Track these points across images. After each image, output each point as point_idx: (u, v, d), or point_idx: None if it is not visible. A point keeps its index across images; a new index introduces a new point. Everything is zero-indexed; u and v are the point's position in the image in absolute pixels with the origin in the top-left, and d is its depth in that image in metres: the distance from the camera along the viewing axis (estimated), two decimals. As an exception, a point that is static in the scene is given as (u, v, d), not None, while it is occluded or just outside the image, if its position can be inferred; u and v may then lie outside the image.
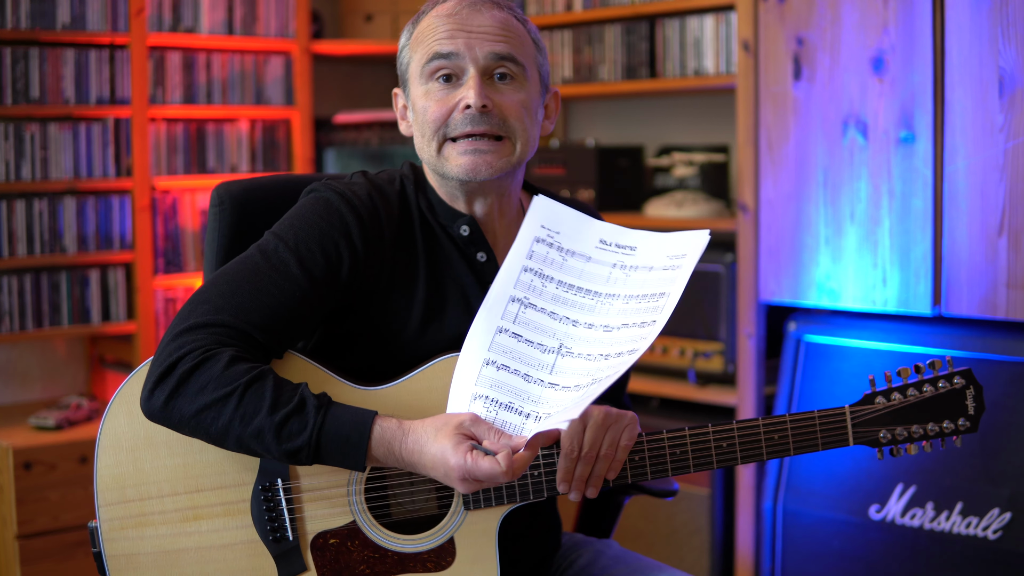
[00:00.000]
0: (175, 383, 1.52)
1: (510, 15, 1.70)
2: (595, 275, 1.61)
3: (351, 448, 1.52)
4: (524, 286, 1.61)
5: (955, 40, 2.61)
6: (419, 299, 1.69)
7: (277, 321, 1.58)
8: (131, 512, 1.61)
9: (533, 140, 1.71)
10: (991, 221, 2.59)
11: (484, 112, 1.63)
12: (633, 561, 1.84)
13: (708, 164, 3.46)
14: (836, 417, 1.68)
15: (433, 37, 1.66)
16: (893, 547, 2.71)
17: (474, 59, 1.64)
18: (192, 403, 1.51)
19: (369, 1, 4.00)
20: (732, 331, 3.18)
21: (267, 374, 1.53)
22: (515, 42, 1.67)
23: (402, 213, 1.71)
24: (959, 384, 1.70)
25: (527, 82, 1.69)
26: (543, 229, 1.64)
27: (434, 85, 1.67)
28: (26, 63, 3.29)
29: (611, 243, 1.63)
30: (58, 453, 3.14)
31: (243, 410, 1.50)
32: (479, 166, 1.65)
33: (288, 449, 1.51)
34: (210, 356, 1.52)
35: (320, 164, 3.98)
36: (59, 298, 3.39)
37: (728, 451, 1.66)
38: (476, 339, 1.60)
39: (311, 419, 1.51)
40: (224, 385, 1.50)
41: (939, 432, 1.70)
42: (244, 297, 1.58)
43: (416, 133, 1.71)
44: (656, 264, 1.59)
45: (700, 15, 3.32)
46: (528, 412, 1.55)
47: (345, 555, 1.63)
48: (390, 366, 1.69)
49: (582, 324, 1.58)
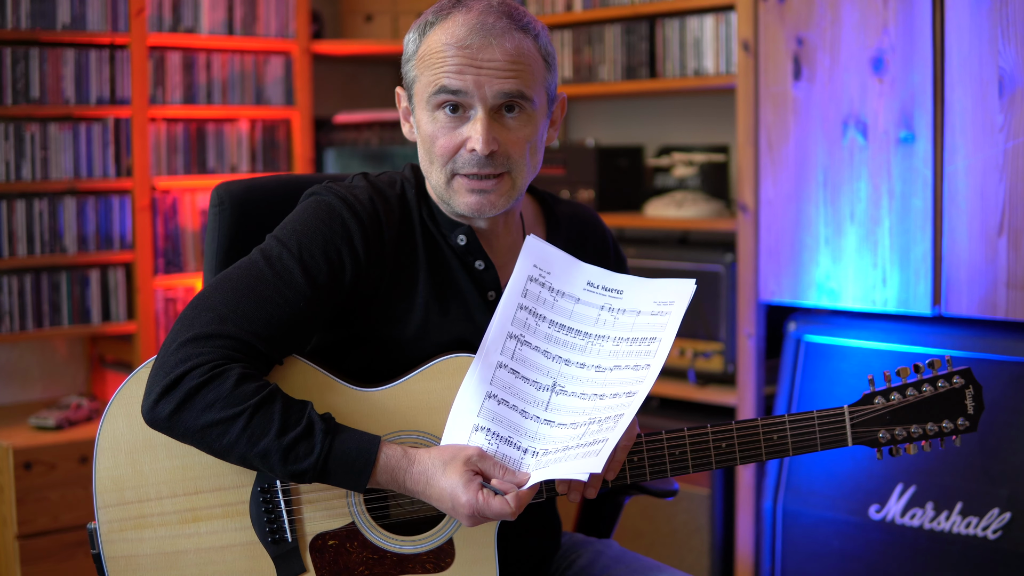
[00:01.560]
0: (182, 397, 1.52)
1: (523, 37, 1.63)
2: (584, 316, 1.64)
3: (355, 474, 1.55)
4: (520, 324, 1.64)
5: (955, 40, 2.61)
6: (419, 303, 1.69)
7: (280, 330, 1.59)
8: (130, 514, 1.61)
9: (536, 166, 1.70)
10: (991, 221, 2.59)
11: (489, 155, 1.62)
12: (633, 561, 1.84)
13: (708, 164, 3.46)
14: (835, 417, 1.68)
15: (441, 68, 1.62)
16: (893, 547, 2.71)
17: (483, 98, 1.61)
18: (198, 419, 1.52)
19: (369, 1, 4.00)
20: (732, 331, 3.18)
21: (276, 395, 1.55)
22: (525, 74, 1.63)
23: (403, 217, 1.71)
24: (958, 384, 1.70)
25: (535, 113, 1.66)
26: (535, 268, 1.67)
27: (441, 115, 1.64)
28: (26, 63, 3.29)
29: (598, 286, 1.66)
30: (58, 453, 3.14)
31: (251, 431, 1.52)
32: (483, 206, 1.65)
33: (293, 471, 1.53)
34: (218, 374, 1.53)
35: (320, 164, 3.98)
36: (59, 298, 3.39)
37: (727, 451, 1.66)
38: (479, 371, 1.62)
39: (318, 444, 1.53)
40: (233, 405, 1.52)
41: (938, 432, 1.70)
42: (249, 306, 1.58)
43: (421, 152, 1.70)
44: (644, 308, 1.61)
45: (700, 15, 3.32)
46: (526, 447, 1.58)
47: (344, 556, 1.63)
48: (390, 369, 1.69)
49: (574, 363, 1.61)
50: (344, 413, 1.62)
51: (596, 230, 1.89)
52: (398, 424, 1.64)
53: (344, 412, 1.62)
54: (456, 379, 1.65)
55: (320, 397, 1.63)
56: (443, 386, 1.65)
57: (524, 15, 1.67)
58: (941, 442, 1.71)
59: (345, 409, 1.63)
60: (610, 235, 1.91)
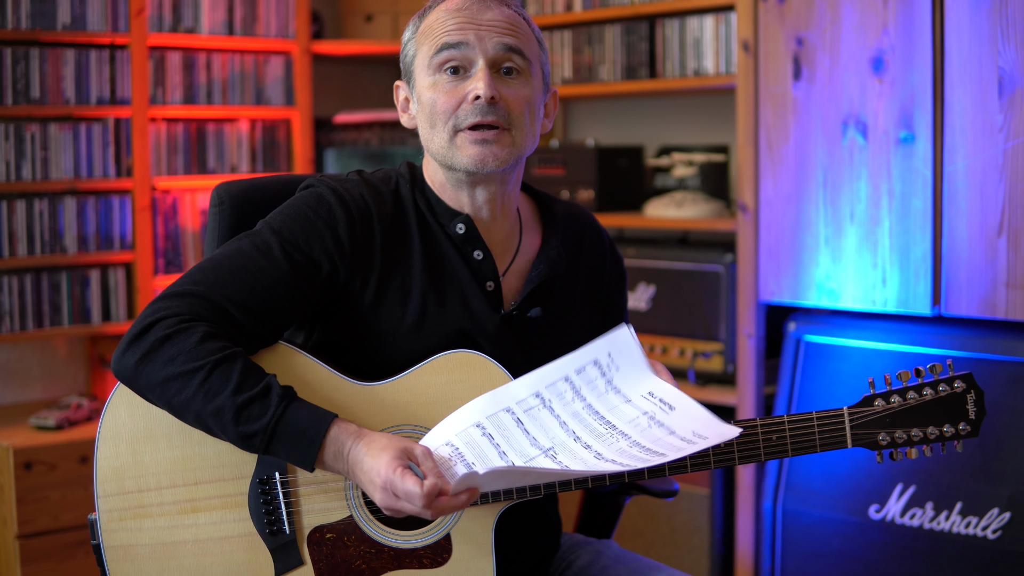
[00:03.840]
0: (148, 347, 1.55)
1: (516, 13, 1.72)
2: (624, 413, 1.61)
3: (305, 443, 1.53)
4: (555, 391, 1.62)
5: (955, 40, 2.61)
6: (416, 294, 1.70)
7: (254, 299, 1.60)
8: (130, 504, 1.61)
9: (534, 136, 1.73)
10: (991, 221, 2.59)
11: (492, 103, 1.65)
12: (632, 562, 1.84)
13: (708, 164, 3.46)
14: (835, 419, 1.68)
15: (442, 29, 1.68)
16: (893, 547, 2.71)
17: (484, 50, 1.67)
18: (160, 372, 1.54)
19: (369, 1, 4.01)
20: (732, 331, 3.18)
21: (238, 356, 1.55)
22: (523, 37, 1.70)
23: (396, 210, 1.72)
24: (959, 388, 1.69)
25: (532, 78, 1.71)
26: (608, 357, 1.64)
27: (442, 77, 1.68)
28: (26, 63, 3.29)
29: (656, 397, 1.62)
30: (58, 453, 3.14)
31: (208, 387, 1.52)
32: (486, 157, 1.66)
33: (244, 432, 1.53)
34: (184, 328, 1.55)
35: (320, 164, 3.99)
36: (59, 298, 3.39)
37: (726, 451, 1.66)
38: (484, 404, 1.60)
39: (272, 407, 1.53)
40: (195, 360, 1.53)
41: (939, 436, 1.68)
42: (223, 273, 1.61)
43: (422, 124, 1.72)
44: (679, 431, 1.57)
45: (700, 15, 3.32)
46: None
47: (342, 550, 1.63)
48: (391, 362, 1.69)
49: (582, 443, 1.58)
50: (344, 407, 1.62)
51: (592, 230, 1.90)
52: (397, 418, 1.64)
53: (344, 406, 1.62)
54: (457, 374, 1.65)
55: (320, 390, 1.63)
56: (444, 381, 1.65)
57: (516, 2, 1.75)
58: (943, 447, 1.70)
59: (346, 403, 1.63)
60: (606, 236, 1.92)
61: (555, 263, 1.77)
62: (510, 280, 1.77)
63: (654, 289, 3.36)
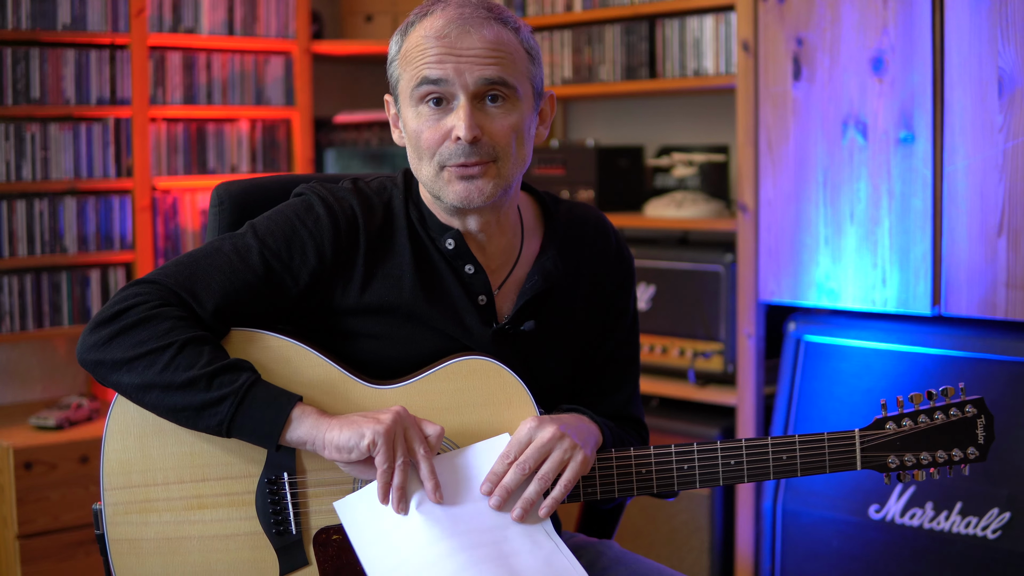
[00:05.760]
0: (117, 330, 1.57)
1: (501, 28, 1.64)
2: None
3: (274, 413, 1.55)
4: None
5: (955, 40, 2.62)
6: (405, 306, 1.69)
7: (223, 300, 1.62)
8: (136, 497, 1.61)
9: (524, 158, 1.69)
10: (990, 221, 2.59)
11: (475, 142, 1.62)
12: (633, 563, 1.83)
13: (708, 164, 3.47)
14: (845, 441, 1.67)
15: (422, 60, 1.63)
16: (893, 547, 2.72)
17: (464, 85, 1.61)
18: (127, 352, 1.56)
19: (369, 1, 4.01)
20: (732, 331, 3.18)
21: (207, 339, 1.58)
22: (506, 62, 1.63)
23: (385, 223, 1.71)
24: (971, 413, 1.68)
25: (519, 101, 1.66)
26: None
27: (424, 108, 1.64)
28: (27, 63, 3.29)
29: None
30: (58, 453, 3.14)
31: (178, 362, 1.54)
32: (472, 194, 1.64)
33: (214, 397, 1.53)
34: (154, 315, 1.56)
35: (320, 164, 3.99)
36: (60, 298, 3.39)
37: (735, 469, 1.66)
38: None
39: (245, 373, 1.55)
40: (163, 339, 1.55)
41: (948, 460, 1.68)
42: (197, 269, 1.63)
43: (410, 151, 1.70)
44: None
45: (700, 15, 3.32)
46: None
47: (347, 552, 1.63)
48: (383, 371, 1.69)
49: None
50: (356, 409, 1.63)
51: (598, 230, 1.86)
52: None
53: (356, 408, 1.63)
54: (469, 381, 1.65)
55: (333, 391, 1.63)
56: (455, 387, 1.65)
57: (504, 10, 1.68)
58: (950, 470, 1.69)
59: (359, 405, 1.63)
60: (614, 236, 1.88)
61: (549, 274, 1.74)
62: (507, 291, 1.76)
63: (654, 289, 3.36)
